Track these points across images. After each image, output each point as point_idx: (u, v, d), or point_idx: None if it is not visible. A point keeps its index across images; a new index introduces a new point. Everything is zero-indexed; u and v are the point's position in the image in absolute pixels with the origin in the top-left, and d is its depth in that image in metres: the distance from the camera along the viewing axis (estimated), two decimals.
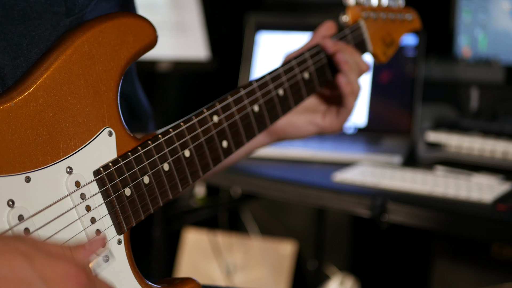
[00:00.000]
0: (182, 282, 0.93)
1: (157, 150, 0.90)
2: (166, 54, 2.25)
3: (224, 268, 2.67)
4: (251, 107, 1.04)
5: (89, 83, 0.84)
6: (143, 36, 0.89)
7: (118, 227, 0.86)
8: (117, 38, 0.87)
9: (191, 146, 0.94)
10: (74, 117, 0.83)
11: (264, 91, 1.06)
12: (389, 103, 2.15)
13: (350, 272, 2.60)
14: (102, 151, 0.86)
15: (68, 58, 0.83)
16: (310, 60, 1.15)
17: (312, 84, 1.15)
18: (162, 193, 0.91)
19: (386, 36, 1.27)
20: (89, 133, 0.84)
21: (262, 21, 2.35)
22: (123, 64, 0.88)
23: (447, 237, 2.20)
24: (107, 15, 0.88)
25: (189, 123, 0.94)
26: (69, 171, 0.82)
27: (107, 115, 0.86)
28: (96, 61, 0.85)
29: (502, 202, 1.58)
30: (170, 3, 2.33)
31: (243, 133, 1.03)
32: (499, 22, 2.06)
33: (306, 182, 1.77)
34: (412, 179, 1.72)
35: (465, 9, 2.10)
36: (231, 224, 2.75)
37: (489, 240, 2.05)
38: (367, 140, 2.14)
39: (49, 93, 0.81)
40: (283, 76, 1.10)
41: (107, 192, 0.84)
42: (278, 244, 2.70)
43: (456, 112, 2.13)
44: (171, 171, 0.92)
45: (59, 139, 0.81)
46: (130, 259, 0.88)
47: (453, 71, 2.15)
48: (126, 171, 0.86)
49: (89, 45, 0.85)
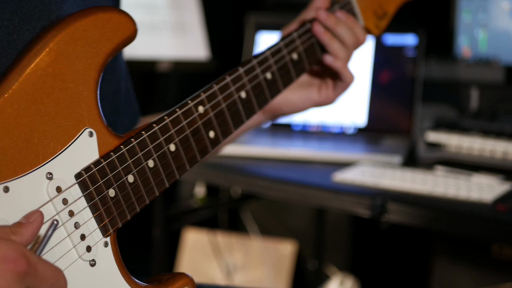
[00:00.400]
0: (174, 279, 0.90)
1: (141, 147, 0.87)
2: (166, 54, 2.25)
3: (224, 268, 2.67)
4: (238, 94, 1.01)
5: (66, 83, 0.81)
6: (121, 30, 0.86)
7: (104, 229, 0.84)
8: (94, 35, 0.83)
9: (176, 139, 0.91)
10: (52, 120, 0.80)
11: (251, 76, 1.03)
12: (389, 103, 2.15)
13: (350, 272, 2.60)
14: (83, 153, 0.83)
15: (42, 60, 0.80)
16: (298, 40, 1.13)
17: (301, 64, 1.13)
18: (148, 191, 0.88)
19: (378, 9, 1.24)
20: (69, 135, 0.81)
21: (262, 21, 2.35)
22: (102, 61, 0.84)
23: (447, 237, 2.20)
24: (83, 11, 0.84)
25: (173, 115, 0.92)
26: (49, 177, 0.79)
27: (87, 115, 0.83)
28: (73, 61, 0.82)
29: (502, 202, 1.58)
30: (170, 3, 2.33)
31: (231, 122, 1.00)
32: (499, 22, 2.06)
33: (306, 182, 1.77)
34: (412, 179, 1.72)
35: (465, 9, 2.10)
36: (231, 224, 2.75)
37: (489, 240, 2.05)
38: (367, 140, 2.14)
39: (24, 98, 0.77)
40: (270, 59, 1.07)
41: (90, 195, 0.82)
42: (278, 244, 2.70)
43: (456, 112, 2.13)
44: (156, 167, 0.89)
45: (38, 145, 0.78)
46: (118, 260, 0.86)
47: (453, 71, 2.15)
48: (109, 171, 0.84)
49: (64, 45, 0.81)
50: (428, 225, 1.59)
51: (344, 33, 1.15)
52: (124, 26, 0.86)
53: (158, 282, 0.90)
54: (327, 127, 2.19)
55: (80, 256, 0.81)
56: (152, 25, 2.33)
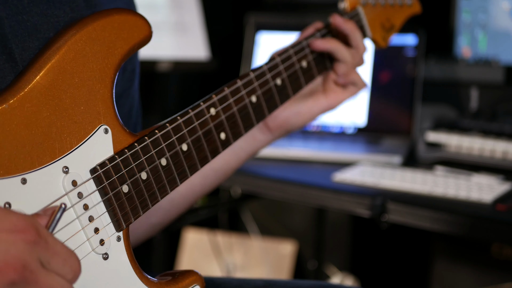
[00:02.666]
0: (184, 275, 0.93)
1: (154, 145, 0.90)
2: (166, 54, 2.25)
3: (224, 268, 2.67)
4: (249, 98, 1.04)
5: (84, 81, 0.84)
6: (137, 32, 0.89)
7: (117, 224, 0.86)
8: (111, 35, 0.87)
9: (188, 140, 0.94)
10: (69, 116, 0.83)
11: (262, 81, 1.06)
12: (389, 103, 2.15)
13: (350, 272, 2.61)
14: (99, 149, 0.85)
15: (62, 57, 0.83)
16: (307, 48, 1.16)
17: (310, 72, 1.15)
18: (160, 188, 0.91)
19: (385, 22, 1.27)
20: (85, 131, 0.84)
21: (262, 21, 2.36)
22: (118, 61, 0.88)
23: (447, 237, 2.20)
24: (101, 12, 0.88)
25: (186, 116, 0.94)
26: (65, 171, 0.81)
27: (103, 113, 0.86)
28: (90, 59, 0.85)
29: (502, 202, 1.58)
30: (170, 3, 2.33)
31: (241, 124, 1.03)
32: (499, 22, 2.06)
33: (306, 182, 1.77)
34: (412, 179, 1.72)
35: (465, 9, 2.10)
36: (231, 224, 2.75)
37: (489, 240, 2.05)
38: (367, 140, 2.14)
39: (43, 93, 0.81)
40: (280, 65, 1.10)
41: (104, 190, 0.84)
42: (278, 244, 2.70)
43: (456, 112, 2.13)
44: (168, 165, 0.91)
45: (55, 139, 0.81)
46: (130, 255, 0.88)
47: (453, 71, 2.15)
48: (123, 167, 0.86)
49: (82, 43, 0.84)
50: (428, 225, 1.59)
51: (359, 38, 1.17)
52: (139, 28, 0.89)
53: (168, 278, 0.92)
54: (327, 127, 2.19)
55: (93, 249, 0.83)
56: (152, 25, 2.33)
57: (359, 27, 1.22)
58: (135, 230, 1.12)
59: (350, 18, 1.21)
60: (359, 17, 1.23)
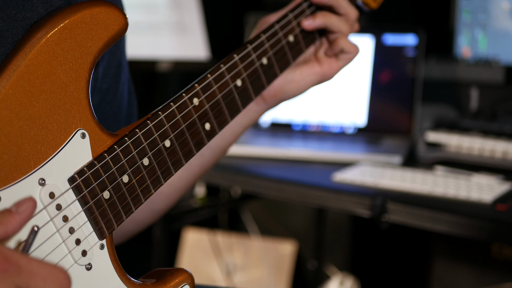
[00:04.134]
0: (172, 275, 0.89)
1: (135, 145, 0.85)
2: (166, 54, 2.25)
3: (224, 268, 2.67)
4: (234, 82, 0.98)
5: (56, 85, 0.79)
6: (111, 25, 0.83)
7: (99, 232, 0.82)
8: (83, 32, 0.81)
9: (171, 135, 0.89)
10: (43, 124, 0.77)
11: (247, 63, 1.00)
12: (389, 103, 2.15)
13: (350, 272, 2.60)
14: (76, 155, 0.80)
15: (31, 62, 0.77)
16: (295, 21, 1.08)
17: (298, 46, 1.09)
18: (144, 190, 0.86)
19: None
20: (61, 138, 0.79)
21: None
22: (92, 59, 0.82)
23: (447, 237, 2.20)
24: (71, 7, 0.81)
25: (168, 111, 0.89)
26: (42, 183, 0.76)
27: (78, 116, 0.81)
28: (62, 61, 0.79)
29: (502, 202, 1.58)
30: (170, 3, 2.33)
31: (227, 112, 0.97)
32: (499, 22, 2.06)
33: (306, 182, 1.77)
34: (412, 179, 1.72)
35: (465, 9, 2.10)
36: (231, 224, 2.75)
37: (489, 240, 2.05)
38: (367, 140, 2.14)
39: (12, 103, 0.75)
40: (266, 43, 1.03)
41: (84, 199, 0.80)
42: (278, 244, 2.70)
43: (456, 112, 2.13)
44: (151, 165, 0.87)
45: (29, 151, 0.75)
46: (115, 262, 0.84)
47: (453, 71, 2.15)
48: (103, 173, 0.81)
49: (53, 45, 0.79)
50: (428, 225, 1.59)
51: (346, 5, 1.11)
52: (113, 20, 0.83)
53: (156, 278, 0.89)
54: (327, 127, 2.19)
55: (76, 262, 0.80)
56: (152, 25, 2.33)
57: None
58: (138, 218, 1.09)
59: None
60: None
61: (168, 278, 0.88)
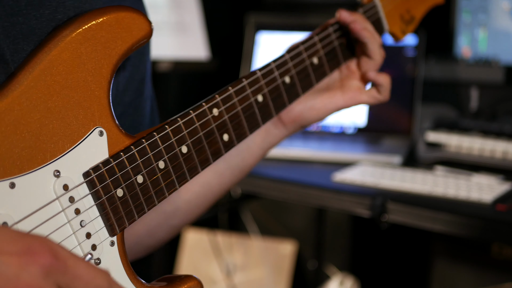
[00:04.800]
0: (182, 281, 0.90)
1: (152, 147, 0.87)
2: (166, 54, 2.25)
3: (224, 268, 2.67)
4: (255, 97, 1.00)
5: (78, 83, 0.82)
6: (136, 30, 0.86)
7: (110, 229, 0.83)
8: (108, 35, 0.84)
9: (188, 141, 0.91)
10: (61, 118, 0.80)
11: (268, 80, 1.02)
12: (389, 103, 2.14)
13: (350, 272, 2.60)
14: (93, 152, 0.82)
15: (54, 58, 0.80)
16: (319, 44, 1.10)
17: (322, 69, 1.10)
18: (158, 192, 0.88)
19: (405, 13, 1.22)
20: (79, 134, 0.81)
21: (262, 21, 2.35)
22: (115, 61, 0.85)
23: (447, 237, 2.20)
24: (97, 10, 0.84)
25: (186, 117, 0.91)
26: (56, 175, 0.78)
27: (98, 115, 0.83)
28: (86, 60, 0.82)
29: (502, 202, 1.58)
30: (170, 3, 2.33)
31: (246, 125, 0.99)
32: (499, 22, 2.06)
33: (306, 182, 1.77)
34: (412, 179, 1.72)
35: (465, 9, 2.10)
36: (231, 224, 2.75)
37: (489, 240, 2.05)
38: (367, 140, 2.14)
39: (33, 95, 0.78)
40: (289, 62, 1.05)
41: (97, 194, 0.81)
42: (278, 244, 2.70)
43: (456, 112, 2.13)
44: (167, 168, 0.88)
45: (46, 142, 0.78)
46: (125, 261, 0.85)
47: (453, 71, 2.15)
48: (118, 171, 0.83)
49: (77, 44, 0.82)
50: (428, 225, 1.59)
51: (373, 30, 1.11)
52: (138, 25, 0.86)
53: (168, 282, 0.90)
54: (327, 127, 2.19)
55: (84, 255, 0.81)
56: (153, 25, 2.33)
57: (375, 19, 1.16)
58: (156, 232, 1.10)
59: (365, 11, 1.15)
60: (376, 10, 1.17)
61: (177, 283, 0.89)
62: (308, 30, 2.41)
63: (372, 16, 1.17)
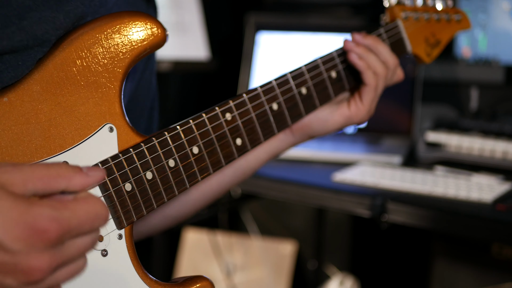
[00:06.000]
0: (192, 280, 0.92)
1: (162, 145, 0.89)
2: (166, 54, 2.25)
3: (224, 268, 2.67)
4: (269, 105, 1.02)
5: (90, 81, 0.85)
6: (150, 35, 0.89)
7: (118, 221, 0.85)
8: (122, 37, 0.87)
9: (199, 142, 0.93)
10: (71, 112, 0.83)
11: (284, 89, 1.04)
12: (389, 103, 2.15)
13: (350, 272, 2.60)
14: (102, 146, 0.85)
15: (67, 55, 0.83)
16: (338, 58, 1.12)
17: (340, 83, 1.12)
18: (167, 189, 0.90)
19: (430, 37, 1.24)
20: (88, 128, 0.84)
21: (262, 21, 2.35)
22: (128, 63, 0.88)
23: (447, 237, 2.20)
24: (114, 14, 0.88)
25: (198, 119, 0.94)
26: None
27: (109, 112, 0.86)
28: (99, 60, 0.85)
29: (502, 202, 1.58)
30: (170, 3, 2.33)
31: (260, 131, 1.01)
32: (499, 22, 2.06)
33: (306, 182, 1.77)
34: (412, 179, 1.72)
35: (465, 9, 2.10)
36: (231, 224, 2.75)
37: (489, 240, 2.05)
38: (367, 140, 2.14)
39: (44, 88, 0.81)
40: (306, 74, 1.07)
41: (104, 186, 0.83)
42: (278, 244, 2.70)
43: (456, 112, 2.13)
44: (177, 167, 0.91)
45: (55, 134, 0.82)
46: (133, 254, 0.87)
47: (453, 71, 2.15)
48: (127, 166, 0.86)
49: (92, 44, 0.85)
50: (428, 225, 1.59)
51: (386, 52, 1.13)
52: (153, 32, 0.89)
53: (175, 282, 0.91)
54: None
55: None
56: None
57: (398, 39, 1.19)
58: (149, 220, 1.10)
59: (386, 30, 1.18)
60: (398, 30, 1.20)
61: (187, 282, 0.91)
62: (308, 30, 2.42)
63: (394, 36, 1.19)
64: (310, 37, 2.28)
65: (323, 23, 2.31)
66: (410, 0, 1.23)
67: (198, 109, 0.97)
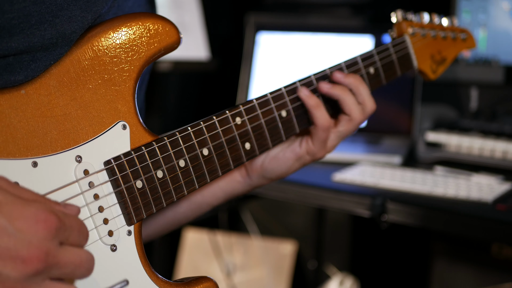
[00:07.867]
0: (197, 281, 0.93)
1: (173, 145, 0.91)
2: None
3: (224, 268, 2.67)
4: (279, 112, 1.04)
5: (105, 79, 0.87)
6: (164, 37, 0.91)
7: (128, 217, 0.87)
8: (138, 37, 0.89)
9: (210, 144, 0.96)
10: (86, 108, 0.85)
11: (294, 97, 1.06)
12: (389, 103, 2.15)
13: (350, 272, 2.61)
14: (115, 143, 0.87)
15: (84, 52, 0.85)
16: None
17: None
18: (177, 189, 0.92)
19: (436, 54, 1.26)
20: (103, 125, 0.86)
21: (262, 21, 2.36)
22: (142, 63, 0.90)
23: (447, 237, 2.20)
24: (131, 14, 0.90)
25: (209, 122, 0.96)
26: (78, 160, 0.83)
27: (122, 110, 0.88)
28: (114, 59, 0.87)
29: (502, 202, 1.58)
30: (170, 3, 2.33)
31: (269, 137, 1.03)
32: (499, 22, 2.06)
33: (306, 182, 1.77)
34: (411, 179, 1.73)
35: (465, 9, 2.10)
36: (231, 224, 2.75)
37: (489, 240, 2.05)
38: (367, 140, 2.14)
39: (60, 83, 0.83)
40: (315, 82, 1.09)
41: (116, 182, 0.86)
42: (278, 244, 2.70)
43: (456, 112, 2.13)
44: (187, 167, 0.93)
45: (70, 129, 0.83)
46: (141, 251, 0.89)
47: (453, 71, 2.15)
48: (138, 163, 0.88)
49: (108, 42, 0.87)
50: (428, 225, 1.59)
51: (365, 94, 1.13)
52: (168, 33, 0.92)
53: (180, 282, 0.92)
54: None
55: (100, 238, 0.84)
56: None
57: (404, 54, 1.20)
58: None
59: (394, 45, 1.18)
60: (405, 45, 1.21)
61: (193, 282, 0.92)
62: (308, 30, 2.42)
63: (401, 51, 1.21)
64: (310, 37, 2.28)
65: (323, 23, 2.31)
66: (417, 17, 1.25)
67: (198, 109, 0.97)
